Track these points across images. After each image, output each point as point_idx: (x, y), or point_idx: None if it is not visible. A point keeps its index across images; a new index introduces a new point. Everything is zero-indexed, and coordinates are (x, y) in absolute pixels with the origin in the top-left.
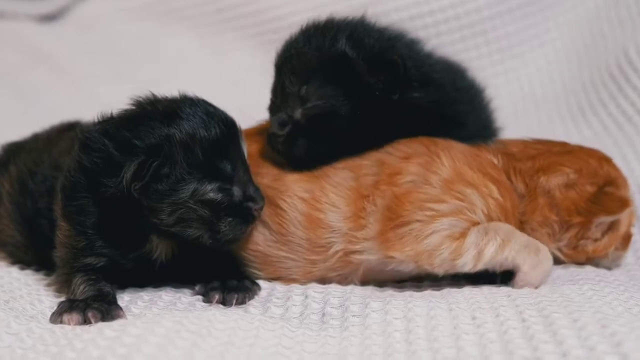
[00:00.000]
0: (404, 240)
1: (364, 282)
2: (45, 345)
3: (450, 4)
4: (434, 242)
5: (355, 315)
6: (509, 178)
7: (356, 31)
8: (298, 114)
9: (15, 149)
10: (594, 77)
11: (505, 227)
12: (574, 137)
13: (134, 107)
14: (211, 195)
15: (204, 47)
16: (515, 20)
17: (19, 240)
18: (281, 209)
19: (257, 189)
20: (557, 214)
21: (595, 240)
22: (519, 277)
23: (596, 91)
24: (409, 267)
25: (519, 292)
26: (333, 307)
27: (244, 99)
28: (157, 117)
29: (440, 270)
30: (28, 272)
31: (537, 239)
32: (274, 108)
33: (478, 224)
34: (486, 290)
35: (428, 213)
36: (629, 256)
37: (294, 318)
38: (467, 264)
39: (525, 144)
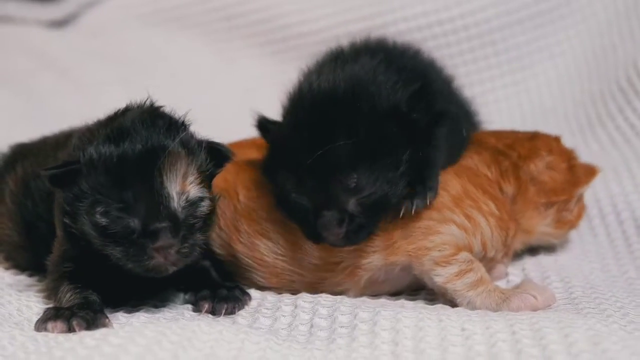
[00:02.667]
0: (409, 238)
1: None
2: (26, 354)
3: (460, 14)
4: (436, 242)
5: (343, 327)
6: (500, 185)
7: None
8: (352, 205)
9: (24, 150)
10: (603, 90)
11: (483, 272)
12: (582, 150)
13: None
14: (97, 217)
15: (213, 55)
16: (525, 31)
17: (16, 241)
18: (295, 227)
19: (170, 227)
20: (544, 196)
21: (571, 211)
22: None
23: (605, 104)
24: (402, 266)
25: None
26: (321, 318)
27: (253, 107)
28: (96, 132)
29: (418, 269)
30: (21, 278)
31: (532, 226)
32: (305, 188)
33: (471, 250)
34: None
35: (443, 215)
36: (631, 270)
37: (282, 329)
38: (442, 276)
39: (495, 134)
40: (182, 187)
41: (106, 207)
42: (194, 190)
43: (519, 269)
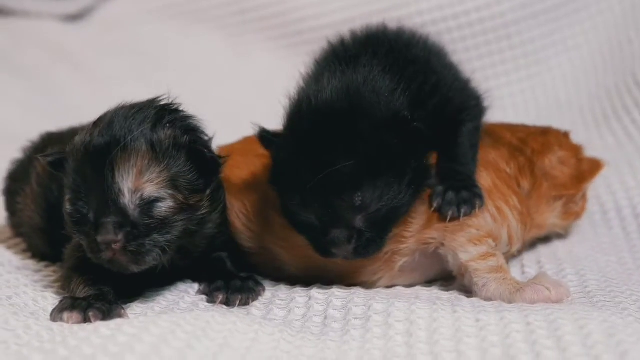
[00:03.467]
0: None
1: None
2: (41, 342)
3: (475, 7)
4: (474, 223)
5: (357, 318)
6: (518, 181)
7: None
8: (359, 222)
9: (53, 137)
10: (618, 83)
11: (504, 262)
12: (597, 144)
13: None
14: (67, 204)
15: (228, 48)
16: (540, 25)
17: (37, 224)
18: None
19: (115, 223)
20: (556, 191)
21: (577, 203)
22: None
23: (620, 97)
24: (435, 246)
25: None
26: (335, 309)
27: (268, 101)
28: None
29: (448, 244)
30: (37, 268)
31: (544, 220)
32: (305, 201)
33: (499, 241)
34: None
35: (480, 222)
36: None
37: (296, 321)
38: (468, 254)
39: (509, 128)
40: (135, 184)
41: (71, 195)
42: (150, 189)
43: (534, 262)
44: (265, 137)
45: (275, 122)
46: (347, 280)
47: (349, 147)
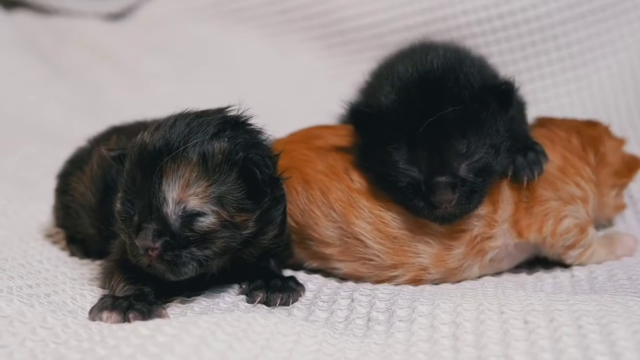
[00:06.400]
0: (538, 220)
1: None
2: (79, 341)
3: (521, 7)
4: (566, 226)
5: (401, 320)
6: (586, 152)
7: (477, 60)
8: (463, 170)
9: (120, 128)
10: None
11: (594, 238)
12: None
13: None
14: (117, 201)
15: (269, 48)
16: (587, 25)
17: (90, 202)
18: None
19: (154, 230)
20: (613, 178)
21: (622, 196)
22: None
23: None
24: (532, 247)
25: (577, 297)
26: (379, 312)
27: (307, 100)
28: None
29: (548, 251)
30: (75, 266)
31: (604, 203)
32: (417, 158)
33: (589, 220)
34: (542, 294)
35: (560, 192)
36: None
37: (338, 322)
38: (572, 258)
39: (561, 119)
40: (180, 195)
41: (122, 194)
42: (194, 202)
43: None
44: (359, 110)
45: (314, 120)
46: (435, 266)
47: (455, 98)
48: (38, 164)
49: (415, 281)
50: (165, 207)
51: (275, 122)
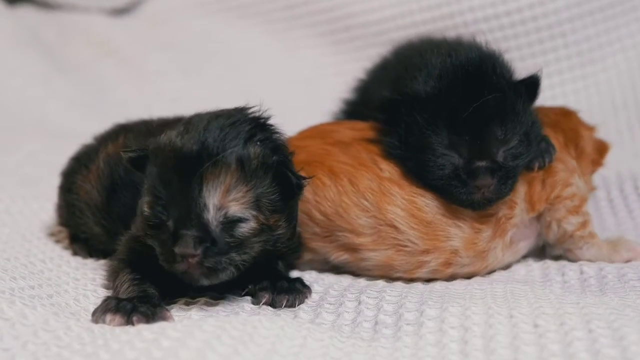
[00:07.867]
0: (549, 189)
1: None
2: (82, 345)
3: (528, 4)
4: (571, 191)
5: (409, 324)
6: (568, 150)
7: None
8: (501, 156)
9: (127, 126)
10: None
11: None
12: None
13: None
14: (144, 206)
15: (274, 44)
16: (595, 22)
17: (95, 200)
18: None
19: (195, 237)
20: (591, 166)
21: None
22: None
23: None
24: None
25: (587, 300)
26: (387, 315)
27: (314, 96)
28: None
29: (552, 216)
30: (78, 265)
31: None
32: (456, 144)
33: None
34: (552, 296)
35: (565, 164)
36: None
37: (345, 325)
38: (572, 224)
39: (541, 110)
40: (221, 201)
41: (150, 199)
42: (235, 208)
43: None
44: (394, 100)
45: (319, 116)
46: (467, 249)
47: (494, 86)
48: (41, 161)
49: (446, 265)
50: (206, 213)
51: (280, 118)
